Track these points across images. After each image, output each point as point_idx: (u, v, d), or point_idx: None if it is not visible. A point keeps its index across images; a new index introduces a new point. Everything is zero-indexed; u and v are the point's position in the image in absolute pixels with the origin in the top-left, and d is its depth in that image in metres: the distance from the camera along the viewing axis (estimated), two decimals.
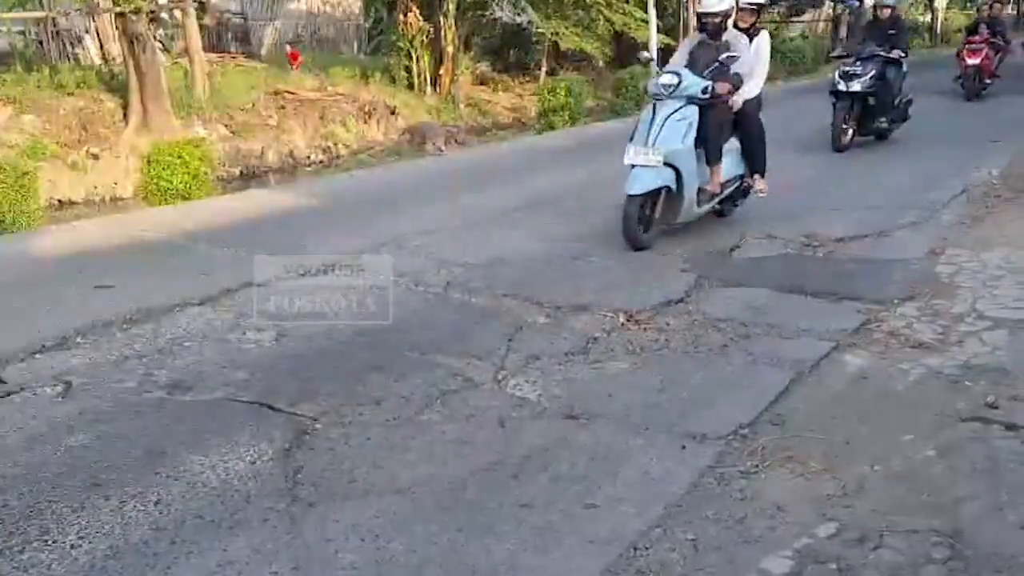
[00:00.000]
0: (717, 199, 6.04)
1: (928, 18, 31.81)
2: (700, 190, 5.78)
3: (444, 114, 14.96)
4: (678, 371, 3.85)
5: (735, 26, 6.23)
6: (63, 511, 2.79)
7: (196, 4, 12.73)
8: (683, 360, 3.98)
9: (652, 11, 15.75)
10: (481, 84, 18.20)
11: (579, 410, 3.47)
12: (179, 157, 8.63)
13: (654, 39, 15.75)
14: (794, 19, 27.67)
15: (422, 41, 14.92)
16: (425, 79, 15.29)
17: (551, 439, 3.24)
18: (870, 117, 9.49)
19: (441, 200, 7.47)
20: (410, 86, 15.29)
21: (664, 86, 5.59)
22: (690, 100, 5.58)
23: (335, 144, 12.97)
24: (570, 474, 3.00)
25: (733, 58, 5.66)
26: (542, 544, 2.60)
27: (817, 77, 19.85)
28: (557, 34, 17.00)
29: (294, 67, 13.76)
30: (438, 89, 15.61)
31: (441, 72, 15.43)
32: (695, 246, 5.78)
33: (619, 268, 5.42)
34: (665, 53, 16.95)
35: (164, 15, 12.84)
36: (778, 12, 26.96)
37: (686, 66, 5.85)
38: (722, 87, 5.61)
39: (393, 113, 14.07)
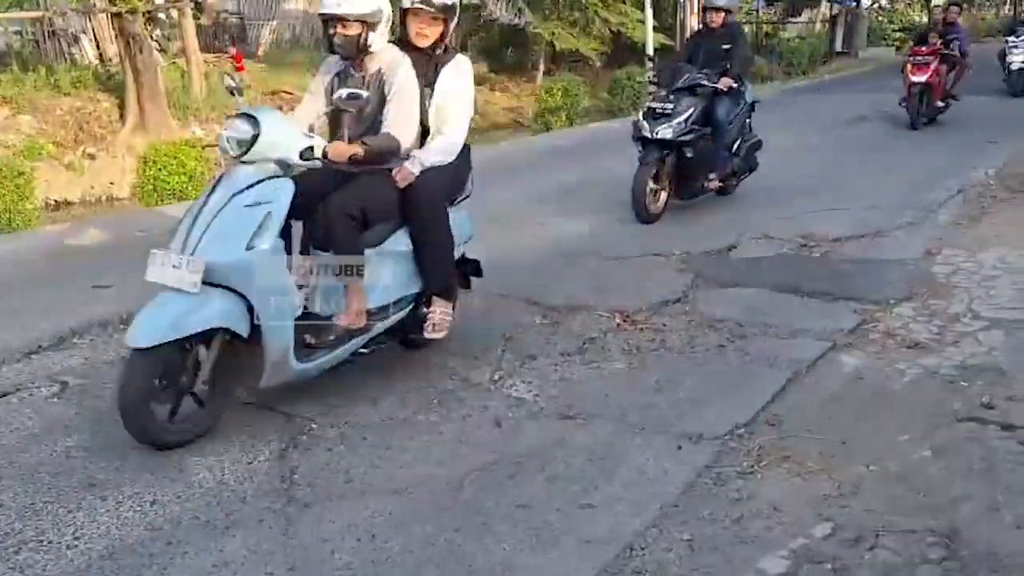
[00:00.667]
0: (360, 339, 3.54)
1: (925, 18, 31.84)
2: (325, 327, 3.49)
3: None
4: (675, 371, 3.86)
5: (407, 44, 3.71)
6: (59, 511, 2.79)
7: (193, 4, 12.69)
8: (680, 360, 3.98)
9: (649, 11, 15.76)
10: (478, 84, 18.16)
11: (576, 410, 3.47)
12: (176, 157, 8.61)
13: (650, 39, 15.76)
14: (791, 19, 27.71)
15: None
16: None
17: (548, 439, 3.24)
18: (692, 174, 6.57)
19: None
20: None
21: (233, 141, 3.18)
22: (286, 169, 3.27)
23: None
24: (567, 474, 3.00)
25: (356, 98, 3.37)
26: (539, 544, 2.60)
27: (815, 78, 19.94)
28: (554, 35, 17.00)
29: (238, 69, 13.55)
30: None
31: None
32: (692, 246, 5.78)
33: (616, 268, 5.42)
34: (663, 55, 17.04)
35: (161, 15, 12.80)
36: (775, 12, 27.04)
37: (328, 112, 3.68)
38: (337, 150, 3.28)
39: None
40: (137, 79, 10.51)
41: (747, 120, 7.09)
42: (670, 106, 6.30)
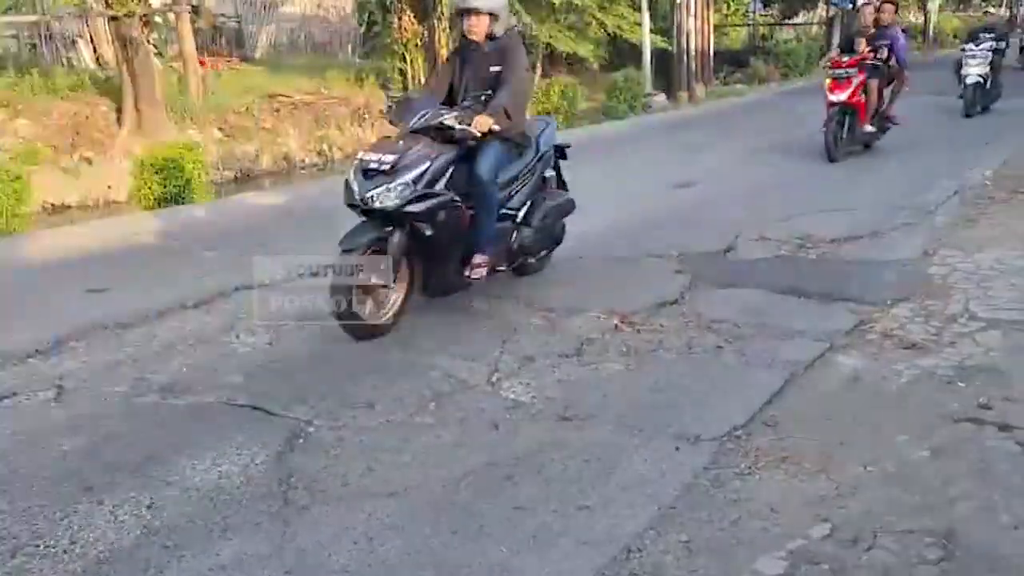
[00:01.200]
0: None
1: (921, 20, 31.93)
2: None
3: None
4: (672, 373, 3.85)
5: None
6: (55, 515, 2.78)
7: (190, 8, 12.71)
8: (677, 361, 3.98)
9: (645, 14, 15.78)
10: None
11: (573, 412, 3.47)
12: (173, 161, 8.60)
13: (647, 41, 15.78)
14: (788, 22, 27.75)
15: (416, 44, 14.89)
16: (419, 82, 15.24)
17: (545, 441, 3.24)
18: (438, 259, 4.42)
19: None
20: (404, 89, 15.26)
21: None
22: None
23: (329, 147, 12.96)
24: (564, 476, 2.99)
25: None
26: (536, 546, 2.60)
27: (811, 80, 19.95)
28: (552, 37, 17.01)
29: (205, 67, 13.36)
30: None
31: None
32: (689, 247, 5.78)
33: (613, 269, 5.42)
34: (662, 57, 17.04)
35: (158, 19, 12.80)
36: (772, 14, 27.08)
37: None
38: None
39: None
40: (134, 83, 10.52)
41: (544, 175, 5.11)
42: (390, 158, 4.16)
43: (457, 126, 4.31)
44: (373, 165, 4.17)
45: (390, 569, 2.51)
